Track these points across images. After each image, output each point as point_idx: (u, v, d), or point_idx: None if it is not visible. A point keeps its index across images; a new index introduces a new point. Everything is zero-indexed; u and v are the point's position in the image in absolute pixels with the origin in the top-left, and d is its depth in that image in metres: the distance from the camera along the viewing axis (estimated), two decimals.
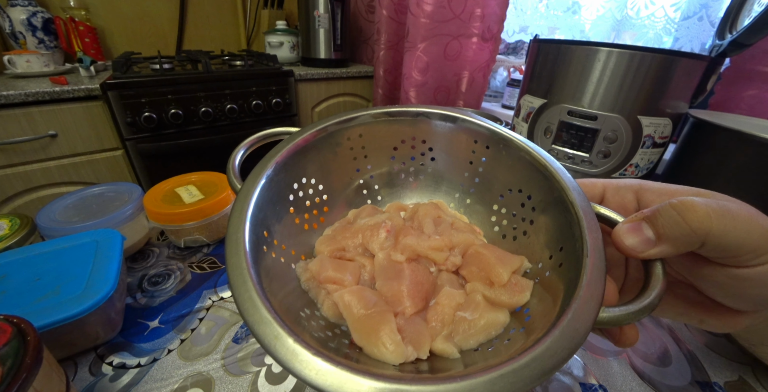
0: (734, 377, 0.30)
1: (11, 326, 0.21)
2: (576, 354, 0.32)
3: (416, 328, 0.19)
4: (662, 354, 0.32)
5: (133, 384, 0.28)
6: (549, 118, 0.58)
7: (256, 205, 0.20)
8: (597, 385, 0.29)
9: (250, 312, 0.15)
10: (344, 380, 0.13)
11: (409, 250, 0.22)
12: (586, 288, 0.15)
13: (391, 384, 0.13)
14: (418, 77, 1.14)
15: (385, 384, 0.13)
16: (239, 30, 1.59)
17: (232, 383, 0.29)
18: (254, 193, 0.20)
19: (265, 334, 0.14)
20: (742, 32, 0.46)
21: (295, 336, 0.14)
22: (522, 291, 0.20)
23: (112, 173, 1.06)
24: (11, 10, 1.09)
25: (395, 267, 0.22)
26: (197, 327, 0.34)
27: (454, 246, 0.23)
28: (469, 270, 0.22)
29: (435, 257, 0.22)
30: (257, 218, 0.19)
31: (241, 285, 0.16)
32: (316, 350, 0.14)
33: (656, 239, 0.16)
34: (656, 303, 0.15)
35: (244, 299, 0.15)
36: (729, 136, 0.45)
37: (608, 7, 0.95)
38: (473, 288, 0.21)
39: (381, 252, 0.23)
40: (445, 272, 0.23)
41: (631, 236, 0.17)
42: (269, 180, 0.21)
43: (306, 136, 0.24)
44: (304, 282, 0.22)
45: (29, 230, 0.37)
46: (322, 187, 0.26)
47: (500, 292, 0.20)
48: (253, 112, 1.17)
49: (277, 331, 0.14)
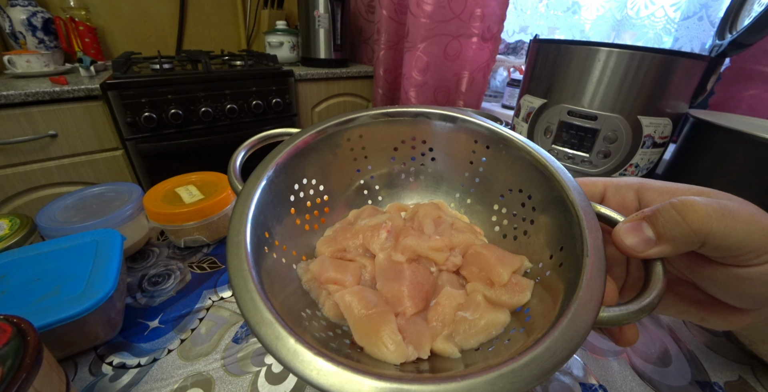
0: (734, 377, 0.30)
1: (11, 326, 0.21)
2: (576, 354, 0.32)
3: (417, 328, 0.19)
4: (662, 354, 0.32)
5: (133, 384, 0.28)
6: (549, 118, 0.58)
7: (257, 207, 0.20)
8: (597, 385, 0.29)
9: (252, 313, 0.15)
10: (345, 380, 0.13)
11: (409, 251, 0.22)
12: (586, 287, 0.15)
13: (391, 384, 0.13)
14: (418, 77, 1.14)
15: (386, 383, 0.13)
16: (239, 30, 1.59)
17: (232, 383, 0.29)
18: (255, 194, 0.20)
19: (267, 335, 0.14)
20: (742, 32, 0.46)
21: (296, 337, 0.14)
22: (522, 291, 0.20)
23: (112, 173, 1.06)
24: (11, 10, 1.09)
25: (396, 268, 0.22)
26: (197, 327, 0.34)
27: (455, 246, 0.23)
28: (469, 270, 0.22)
29: (435, 257, 0.22)
30: (258, 219, 0.20)
31: (242, 286, 0.16)
32: (318, 350, 0.14)
33: (656, 239, 0.16)
34: (656, 302, 0.15)
35: (246, 300, 0.15)
36: (729, 136, 0.45)
37: (608, 7, 0.95)
38: (474, 289, 0.21)
39: (381, 253, 0.23)
40: (446, 272, 0.23)
41: (631, 236, 0.17)
42: (270, 181, 0.21)
43: (306, 138, 0.24)
44: (305, 283, 0.22)
45: (29, 230, 0.37)
46: (323, 187, 0.26)
47: (501, 292, 0.20)
48: (253, 112, 1.17)
49: (278, 332, 0.14)
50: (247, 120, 1.19)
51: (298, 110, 1.30)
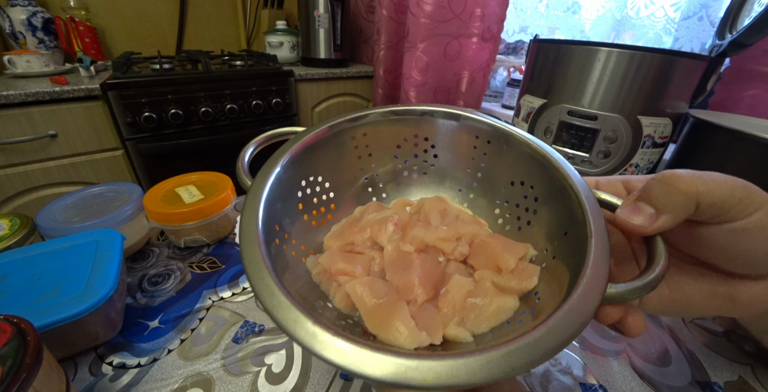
0: (734, 377, 0.30)
1: (11, 326, 0.21)
2: (576, 354, 0.32)
3: (428, 315, 0.20)
4: (662, 354, 0.32)
5: (133, 384, 0.28)
6: (549, 118, 0.58)
7: (267, 200, 0.20)
8: (597, 385, 0.29)
9: (269, 299, 0.15)
10: (365, 358, 0.13)
11: (417, 241, 0.23)
12: (592, 266, 0.16)
13: (410, 360, 0.13)
14: (418, 77, 1.14)
15: (405, 359, 0.13)
16: (239, 30, 1.59)
17: (232, 383, 0.29)
18: (265, 188, 0.20)
19: (285, 319, 0.14)
20: (742, 32, 0.46)
21: (313, 319, 0.14)
22: (530, 277, 0.20)
23: (112, 173, 1.06)
24: (11, 10, 1.09)
25: (405, 258, 0.22)
26: (197, 327, 0.34)
27: (461, 236, 0.24)
28: (476, 259, 0.23)
29: (443, 247, 0.23)
30: (269, 212, 0.20)
31: (257, 273, 0.16)
32: (335, 331, 0.14)
33: (656, 212, 0.17)
34: (660, 277, 0.16)
35: (262, 286, 0.16)
36: (729, 136, 0.45)
37: (608, 7, 0.95)
38: (482, 276, 0.21)
39: (390, 245, 0.23)
40: (454, 262, 0.23)
41: (636, 216, 0.18)
42: (279, 177, 0.22)
43: (313, 135, 0.24)
44: (315, 276, 0.22)
45: (29, 230, 0.37)
46: (329, 184, 0.26)
47: (509, 278, 0.21)
48: (253, 112, 1.17)
49: (296, 315, 0.14)
50: (247, 120, 1.19)
51: (298, 110, 1.30)
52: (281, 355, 0.31)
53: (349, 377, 0.30)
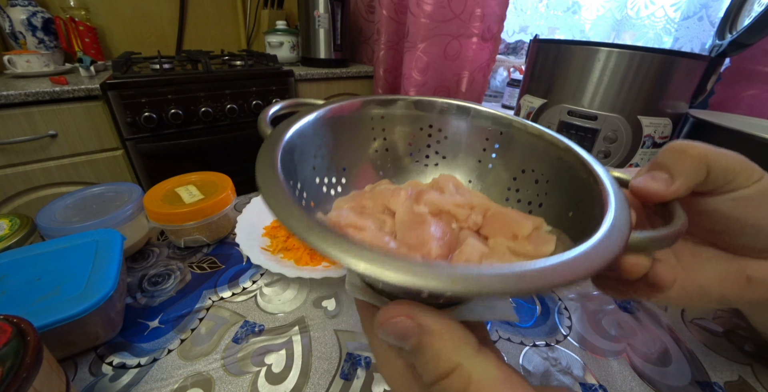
0: (734, 377, 0.30)
1: (11, 326, 0.21)
2: (576, 354, 0.32)
3: None
4: (662, 354, 0.32)
5: (133, 384, 0.28)
6: (549, 118, 0.58)
7: (285, 148, 0.19)
8: (597, 385, 0.29)
9: (297, 224, 0.13)
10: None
11: (431, 205, 0.22)
12: (614, 212, 0.15)
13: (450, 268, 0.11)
14: (418, 77, 1.14)
15: (446, 269, 0.11)
16: (239, 30, 1.59)
17: (232, 383, 0.29)
18: (285, 136, 0.20)
19: (316, 240, 0.13)
20: (742, 32, 0.46)
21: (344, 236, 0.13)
22: (546, 243, 0.20)
23: (112, 173, 1.06)
24: (11, 10, 1.09)
25: (418, 219, 0.21)
26: (197, 327, 0.34)
27: (475, 207, 0.23)
28: (490, 228, 0.22)
29: (457, 212, 0.22)
30: (285, 158, 0.19)
31: (275, 198, 0.14)
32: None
33: (671, 177, 0.18)
34: (683, 230, 0.16)
35: (286, 213, 0.14)
36: (729, 136, 0.45)
37: (608, 7, 0.95)
38: (497, 242, 0.21)
39: (402, 207, 0.22)
40: (467, 230, 0.23)
41: (652, 181, 0.18)
42: (300, 132, 0.21)
43: (350, 103, 0.25)
44: None
45: (29, 230, 0.37)
46: (342, 159, 0.27)
47: (524, 243, 0.20)
48: (253, 112, 1.17)
49: (329, 234, 0.13)
50: (247, 120, 1.19)
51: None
52: (281, 355, 0.31)
53: (348, 376, 0.30)
